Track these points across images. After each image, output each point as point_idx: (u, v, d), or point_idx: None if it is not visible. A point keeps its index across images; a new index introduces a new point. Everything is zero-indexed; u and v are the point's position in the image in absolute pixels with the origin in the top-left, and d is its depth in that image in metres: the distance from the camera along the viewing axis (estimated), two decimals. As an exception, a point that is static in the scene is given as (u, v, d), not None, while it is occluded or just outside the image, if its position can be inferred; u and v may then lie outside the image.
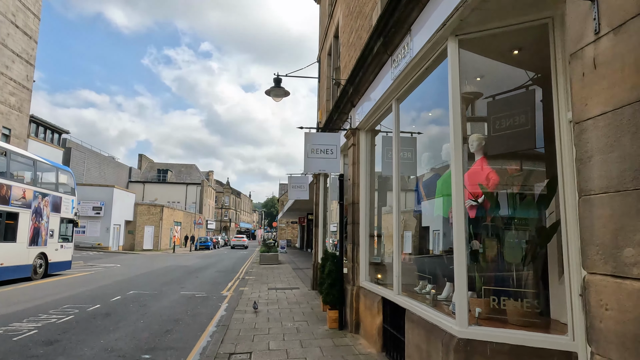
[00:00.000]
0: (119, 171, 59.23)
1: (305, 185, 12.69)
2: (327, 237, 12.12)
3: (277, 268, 20.00)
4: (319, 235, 12.21)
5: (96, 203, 33.34)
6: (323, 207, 12.31)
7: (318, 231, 12.28)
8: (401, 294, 5.00)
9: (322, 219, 12.23)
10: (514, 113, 3.95)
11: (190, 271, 18.93)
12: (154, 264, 22.57)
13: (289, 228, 60.75)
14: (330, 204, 11.82)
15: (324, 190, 12.39)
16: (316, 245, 12.26)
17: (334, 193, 10.84)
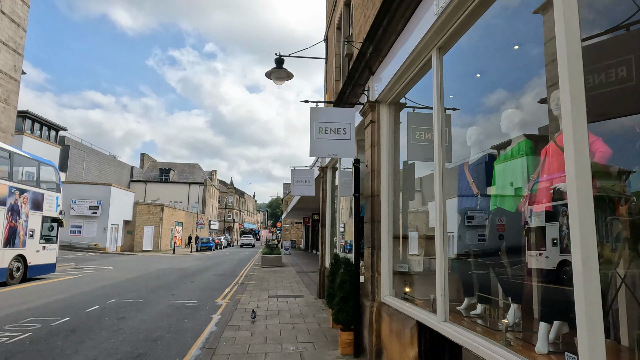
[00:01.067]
0: (120, 170, 58.09)
1: (311, 180, 11.23)
2: (336, 238, 10.66)
3: (280, 271, 18.54)
4: (326, 237, 10.74)
5: (93, 202, 32.07)
6: (331, 205, 10.84)
7: (325, 231, 10.81)
8: (449, 320, 3.51)
9: (329, 218, 10.77)
10: (610, 64, 2.61)
11: (186, 275, 17.51)
12: (149, 266, 21.19)
13: (294, 228, 59.32)
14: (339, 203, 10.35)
15: (332, 185, 10.93)
16: (323, 248, 10.79)
17: (345, 188, 9.45)
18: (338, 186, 9.80)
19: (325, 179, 10.98)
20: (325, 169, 10.98)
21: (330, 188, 10.89)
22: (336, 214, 10.66)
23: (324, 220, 10.85)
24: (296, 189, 11.19)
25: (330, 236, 10.75)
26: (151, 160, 70.14)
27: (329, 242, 10.70)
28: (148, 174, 66.28)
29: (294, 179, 11.17)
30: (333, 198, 10.86)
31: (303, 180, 11.18)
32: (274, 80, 9.20)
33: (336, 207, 10.66)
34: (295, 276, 16.49)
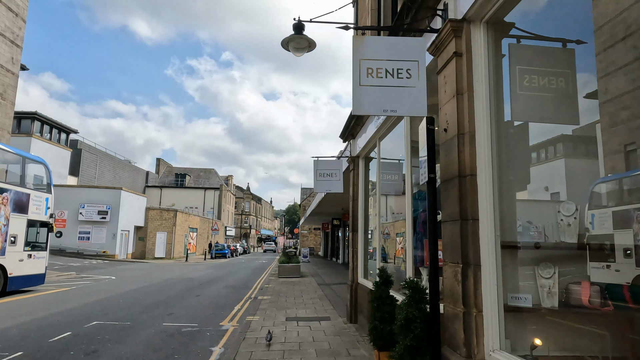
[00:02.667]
0: (135, 175, 57.05)
1: (338, 173, 9.05)
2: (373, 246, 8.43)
3: (299, 283, 16.33)
4: (359, 244, 8.51)
5: (102, 207, 30.50)
6: (364, 204, 8.61)
7: (357, 238, 8.57)
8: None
9: (362, 221, 8.54)
10: None
11: (193, 286, 15.46)
12: (155, 276, 19.25)
13: (312, 235, 57.10)
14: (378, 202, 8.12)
15: (365, 179, 8.71)
16: (354, 258, 8.56)
17: (387, 184, 7.30)
18: (377, 181, 7.56)
19: (357, 172, 8.77)
20: (357, 159, 8.78)
21: (363, 183, 8.68)
22: (371, 215, 8.45)
23: (356, 223, 8.63)
24: (320, 185, 9.01)
25: (364, 244, 8.51)
26: (167, 166, 69.12)
27: (362, 251, 8.46)
28: (163, 179, 65.20)
29: (317, 171, 8.99)
30: (367, 195, 8.64)
31: (328, 174, 9.00)
32: (293, 51, 7.08)
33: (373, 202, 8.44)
34: (316, 289, 14.25)
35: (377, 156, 7.30)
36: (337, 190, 8.93)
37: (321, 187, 9.00)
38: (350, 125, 8.54)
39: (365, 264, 8.43)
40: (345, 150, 9.44)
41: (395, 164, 8.21)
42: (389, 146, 7.44)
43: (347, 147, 9.31)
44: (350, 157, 8.93)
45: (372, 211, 8.51)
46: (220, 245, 41.92)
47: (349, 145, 9.25)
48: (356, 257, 8.53)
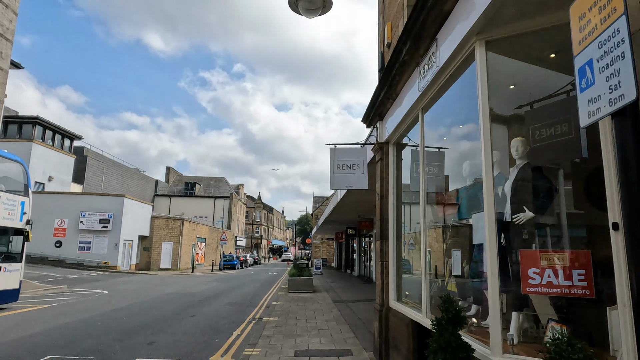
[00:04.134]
0: (144, 184, 55.85)
1: (362, 165, 7.08)
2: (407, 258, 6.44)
3: (312, 300, 14.29)
4: (390, 255, 6.50)
5: (103, 215, 28.93)
6: (396, 203, 6.61)
7: (387, 247, 6.58)
8: None
9: (394, 224, 6.54)
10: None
11: (191, 303, 13.54)
12: (153, 291, 17.39)
13: (324, 245, 54.94)
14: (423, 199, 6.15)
15: (396, 171, 6.73)
16: (384, 275, 6.55)
17: (432, 178, 5.49)
18: (421, 169, 5.60)
19: (386, 162, 6.79)
20: (385, 147, 6.82)
21: (394, 176, 6.70)
22: (407, 217, 6.47)
23: (385, 228, 6.64)
24: (338, 180, 7.04)
25: (396, 255, 6.49)
26: (177, 175, 67.94)
27: (394, 265, 6.45)
28: (173, 188, 63.94)
29: (334, 163, 7.03)
30: (399, 192, 6.65)
31: (349, 165, 7.04)
32: (304, 13, 5.42)
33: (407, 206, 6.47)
34: (332, 309, 12.19)
35: (420, 133, 5.33)
36: (360, 187, 6.96)
37: (340, 182, 7.02)
38: (377, 101, 6.60)
39: (399, 281, 6.41)
40: (369, 137, 7.49)
41: (435, 154, 6.30)
42: (433, 128, 5.54)
43: (373, 132, 7.34)
44: (377, 144, 6.96)
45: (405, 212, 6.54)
46: (228, 256, 40.05)
47: (374, 130, 7.29)
48: (386, 273, 6.52)
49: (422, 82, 4.78)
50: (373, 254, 22.76)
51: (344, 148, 7.19)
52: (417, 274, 6.06)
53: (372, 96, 6.83)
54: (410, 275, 6.41)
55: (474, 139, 4.27)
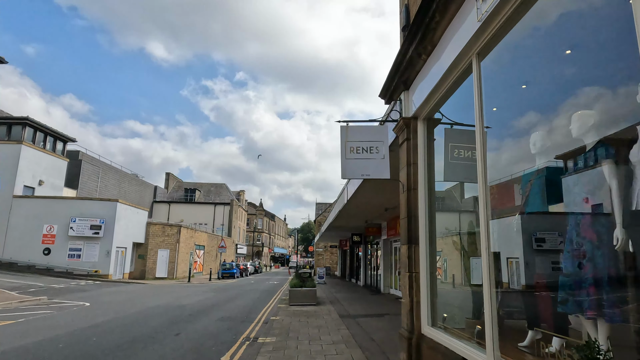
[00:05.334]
0: (143, 190, 54.39)
1: (382, 148, 5.52)
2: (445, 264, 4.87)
3: (315, 314, 12.64)
4: (421, 265, 4.93)
5: (95, 221, 27.39)
6: (428, 197, 5.04)
7: (417, 254, 5.00)
8: None
9: (426, 224, 4.96)
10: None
11: (179, 319, 11.92)
12: (139, 303, 15.77)
13: (327, 253, 53.22)
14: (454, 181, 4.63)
15: (427, 154, 5.17)
16: (413, 291, 4.96)
17: (462, 162, 4.08)
18: (478, 147, 4.05)
19: (414, 144, 5.24)
20: (413, 123, 5.28)
21: (425, 161, 5.14)
22: (441, 217, 4.89)
23: (414, 229, 5.07)
24: (351, 167, 5.46)
25: (430, 265, 4.90)
26: (176, 181, 66.50)
27: (427, 278, 4.85)
28: (173, 195, 62.48)
29: (346, 145, 5.47)
30: (433, 182, 5.08)
31: (365, 149, 5.48)
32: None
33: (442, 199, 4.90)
34: (339, 326, 10.55)
35: (476, 88, 3.78)
36: (380, 175, 5.39)
37: (353, 169, 5.45)
38: (403, 62, 5.07)
39: (434, 300, 4.81)
40: (390, 112, 5.92)
41: (472, 134, 4.79)
42: (458, 103, 4.04)
43: (395, 107, 5.79)
44: (402, 120, 5.40)
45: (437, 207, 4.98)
46: (227, 265, 38.37)
47: (397, 105, 5.73)
48: (416, 288, 4.92)
49: (485, 4, 3.22)
50: (381, 262, 21.08)
51: (359, 126, 5.64)
52: (459, 287, 4.49)
53: (395, 60, 5.28)
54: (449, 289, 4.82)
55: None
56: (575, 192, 3.24)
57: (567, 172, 3.45)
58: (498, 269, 4.26)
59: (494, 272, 3.45)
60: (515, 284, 4.06)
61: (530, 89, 3.95)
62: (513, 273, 4.18)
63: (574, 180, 3.28)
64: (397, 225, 17.71)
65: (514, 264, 4.21)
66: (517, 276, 4.04)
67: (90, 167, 39.80)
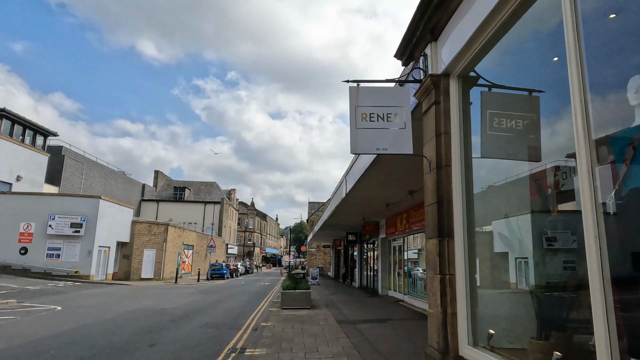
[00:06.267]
0: (130, 188, 52.72)
1: (402, 114, 4.33)
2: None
3: (310, 320, 11.43)
4: (457, 264, 3.73)
5: (75, 218, 25.89)
6: (465, 176, 3.86)
7: (453, 250, 3.79)
8: None
9: (462, 212, 3.78)
10: None
11: (158, 325, 10.64)
12: (117, 307, 14.43)
13: (320, 253, 52.03)
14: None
15: (464, 120, 3.98)
16: (448, 298, 3.75)
17: (505, 133, 2.83)
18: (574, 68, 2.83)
19: (446, 107, 4.06)
20: (444, 82, 4.08)
21: (461, 131, 3.95)
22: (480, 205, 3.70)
23: (447, 218, 3.89)
24: (363, 139, 4.25)
25: (469, 264, 3.71)
26: (166, 179, 64.84)
27: (465, 281, 3.66)
28: (161, 193, 60.84)
29: (356, 111, 4.28)
30: (470, 158, 3.91)
31: (381, 115, 4.31)
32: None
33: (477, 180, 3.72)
34: (338, 334, 9.34)
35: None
36: (401, 149, 4.20)
37: (366, 142, 4.25)
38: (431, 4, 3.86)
39: (475, 310, 3.62)
40: (412, 72, 4.72)
41: (523, 101, 3.79)
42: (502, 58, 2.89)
43: (418, 64, 4.60)
44: (429, 78, 4.21)
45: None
46: (217, 265, 36.96)
47: (419, 62, 4.55)
48: (451, 296, 3.75)
49: None
50: (379, 262, 19.92)
51: (373, 88, 4.44)
52: (502, 292, 3.34)
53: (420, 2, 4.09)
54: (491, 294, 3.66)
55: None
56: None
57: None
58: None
59: (607, 268, 2.26)
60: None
61: (623, 18, 2.79)
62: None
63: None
64: (397, 223, 16.55)
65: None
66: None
67: (74, 164, 38.17)
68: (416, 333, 9.50)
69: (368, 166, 8.25)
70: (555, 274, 3.19)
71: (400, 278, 17.16)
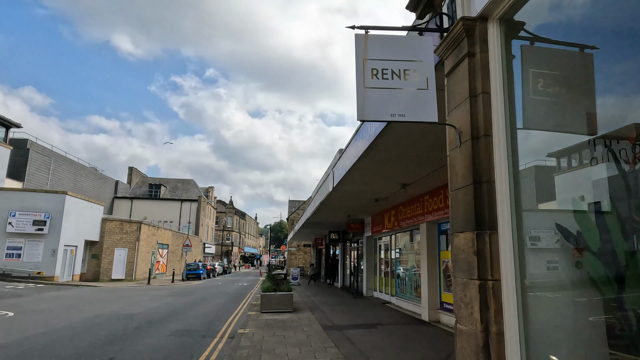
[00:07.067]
0: (102, 185, 50.40)
1: (423, 70, 3.33)
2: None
3: (293, 325, 10.38)
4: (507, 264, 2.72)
5: (38, 215, 24.10)
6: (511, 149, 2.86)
7: (496, 247, 2.79)
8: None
9: (509, 197, 2.78)
10: None
11: (121, 334, 9.40)
12: (77, 312, 13.04)
13: (301, 252, 50.92)
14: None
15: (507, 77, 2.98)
16: (491, 311, 2.77)
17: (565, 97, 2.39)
18: None
19: (485, 61, 3.07)
20: (481, 27, 3.08)
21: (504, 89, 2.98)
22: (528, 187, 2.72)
23: (487, 203, 2.88)
24: (373, 100, 3.24)
25: (519, 262, 2.72)
26: (140, 176, 62.52)
27: (517, 283, 2.67)
28: (136, 190, 58.56)
29: (365, 67, 3.26)
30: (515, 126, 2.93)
31: (396, 72, 3.30)
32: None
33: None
34: (325, 342, 8.32)
35: None
36: (423, 116, 3.21)
37: (377, 106, 3.24)
38: None
39: (529, 328, 2.65)
40: (433, 18, 3.71)
41: (573, 59, 2.83)
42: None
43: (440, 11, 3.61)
44: (461, 21, 3.21)
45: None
46: (193, 265, 35.45)
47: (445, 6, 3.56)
48: (496, 309, 2.77)
49: None
50: (364, 262, 19.01)
51: (385, 36, 3.43)
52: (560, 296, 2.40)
53: None
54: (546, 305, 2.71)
55: None
56: None
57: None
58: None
59: None
60: None
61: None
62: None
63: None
64: (384, 220, 15.65)
65: None
66: None
67: (40, 158, 35.98)
68: (412, 341, 8.57)
69: (362, 154, 7.27)
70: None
71: (387, 278, 16.28)
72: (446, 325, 10.43)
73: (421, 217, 11.76)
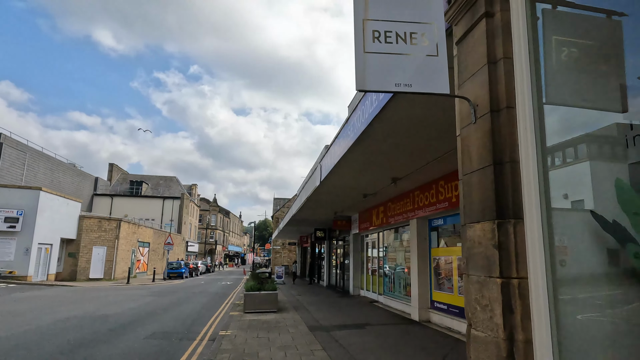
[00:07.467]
0: (81, 181, 48.91)
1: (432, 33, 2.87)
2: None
3: (278, 326, 9.86)
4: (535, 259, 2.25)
5: (10, 212, 23.00)
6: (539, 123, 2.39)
7: (522, 239, 2.31)
8: None
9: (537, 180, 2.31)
10: None
11: (93, 337, 8.75)
12: (49, 313, 12.27)
13: (285, 251, 50.34)
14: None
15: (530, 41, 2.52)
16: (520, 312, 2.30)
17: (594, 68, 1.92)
18: None
19: (504, 21, 2.61)
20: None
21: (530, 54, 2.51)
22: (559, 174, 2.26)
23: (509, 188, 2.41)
24: (375, 67, 2.75)
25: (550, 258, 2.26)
26: (121, 172, 61.00)
27: (548, 282, 2.21)
28: (116, 188, 57.08)
29: (365, 28, 2.76)
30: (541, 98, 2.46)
31: (401, 35, 2.83)
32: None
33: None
34: (312, 344, 7.84)
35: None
36: (432, 87, 2.77)
37: (379, 73, 2.77)
38: None
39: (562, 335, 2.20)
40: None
41: (600, 25, 2.32)
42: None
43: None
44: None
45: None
46: (175, 264, 34.55)
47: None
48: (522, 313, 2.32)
49: None
50: (350, 260, 18.58)
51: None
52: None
53: None
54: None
55: None
56: None
57: None
58: None
59: None
60: None
61: None
62: None
63: None
64: (372, 217, 15.24)
65: None
66: None
67: (14, 153, 34.57)
68: (403, 343, 8.15)
69: (353, 143, 6.79)
70: None
71: (374, 277, 15.88)
72: (437, 324, 10.05)
73: (411, 213, 11.36)
